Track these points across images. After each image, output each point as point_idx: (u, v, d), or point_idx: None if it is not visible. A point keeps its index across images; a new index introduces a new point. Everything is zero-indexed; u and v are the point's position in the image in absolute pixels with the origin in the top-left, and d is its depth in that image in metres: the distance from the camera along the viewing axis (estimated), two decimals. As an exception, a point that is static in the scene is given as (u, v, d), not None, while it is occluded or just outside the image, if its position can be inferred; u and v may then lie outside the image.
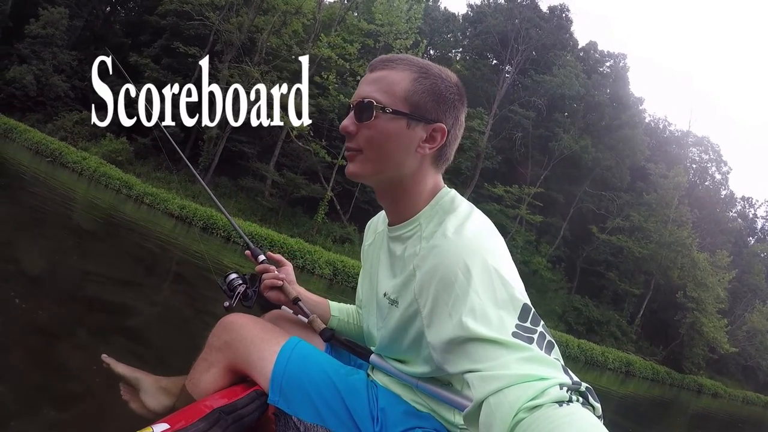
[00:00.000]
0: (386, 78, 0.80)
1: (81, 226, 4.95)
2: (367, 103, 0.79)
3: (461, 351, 0.63)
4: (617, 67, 25.80)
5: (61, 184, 8.41)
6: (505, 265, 0.70)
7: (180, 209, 13.59)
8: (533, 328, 0.62)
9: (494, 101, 22.62)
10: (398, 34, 16.47)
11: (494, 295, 0.65)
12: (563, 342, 17.18)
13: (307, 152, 17.71)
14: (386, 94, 0.79)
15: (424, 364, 0.84)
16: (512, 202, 21.11)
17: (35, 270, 2.52)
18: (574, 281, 24.13)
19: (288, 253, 13.13)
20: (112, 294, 2.66)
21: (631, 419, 6.52)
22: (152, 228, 7.17)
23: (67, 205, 5.99)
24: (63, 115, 20.34)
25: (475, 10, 27.42)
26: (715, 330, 21.86)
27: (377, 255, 0.97)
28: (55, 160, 15.06)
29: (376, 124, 0.79)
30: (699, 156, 30.17)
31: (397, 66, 0.81)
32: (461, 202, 0.84)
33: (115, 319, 2.22)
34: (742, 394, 24.21)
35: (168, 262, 4.68)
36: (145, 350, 1.93)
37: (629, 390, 12.17)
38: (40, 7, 20.88)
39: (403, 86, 0.79)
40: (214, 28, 18.86)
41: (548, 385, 0.54)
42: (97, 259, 3.47)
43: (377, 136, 0.80)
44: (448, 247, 0.73)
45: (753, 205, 34.38)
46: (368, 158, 0.81)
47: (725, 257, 23.42)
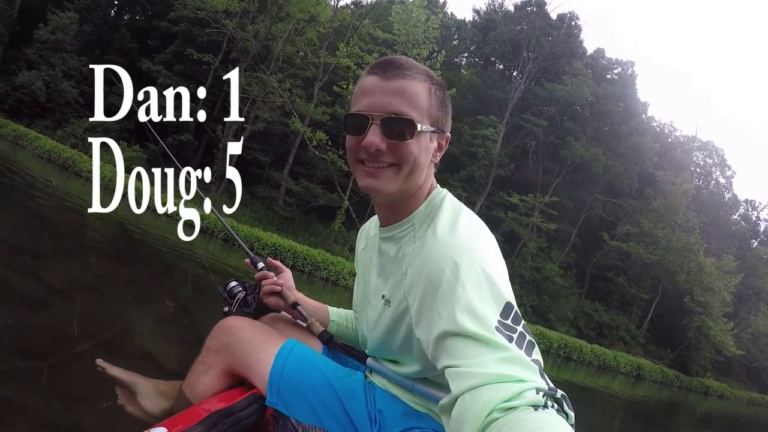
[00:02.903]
0: (408, 90, 0.78)
1: (119, 249, 4.84)
2: (405, 120, 0.77)
3: (445, 346, 0.64)
4: (625, 74, 26.06)
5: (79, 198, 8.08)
6: (492, 264, 0.71)
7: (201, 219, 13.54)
8: (514, 327, 0.63)
9: (506, 109, 22.74)
10: (415, 43, 16.51)
11: (479, 292, 0.66)
12: (577, 347, 17.38)
13: (323, 161, 17.71)
14: (416, 110, 0.78)
15: (415, 363, 0.85)
16: (526, 210, 21.28)
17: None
18: (584, 287, 24.37)
19: (311, 265, 13.16)
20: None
21: (643, 421, 6.72)
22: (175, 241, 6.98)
23: (94, 225, 5.89)
24: (73, 122, 20.16)
25: (483, 17, 27.50)
26: (722, 333, 22.20)
27: (369, 259, 0.98)
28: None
29: (417, 142, 0.79)
30: (703, 160, 30.66)
31: (413, 76, 0.79)
32: (452, 201, 0.85)
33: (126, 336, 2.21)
34: (747, 395, 24.67)
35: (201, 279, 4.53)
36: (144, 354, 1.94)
37: (639, 393, 12.42)
38: (49, 12, 20.64)
39: (424, 100, 0.79)
40: (228, 35, 18.78)
41: (525, 387, 0.54)
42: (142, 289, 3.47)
43: (416, 153, 0.79)
44: (437, 245, 0.74)
45: (756, 208, 34.91)
46: (402, 173, 0.80)
47: (731, 262, 23.77)
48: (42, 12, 21.12)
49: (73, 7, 21.02)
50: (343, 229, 18.14)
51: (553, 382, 0.59)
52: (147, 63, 20.33)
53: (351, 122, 0.81)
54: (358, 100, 0.82)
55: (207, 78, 20.29)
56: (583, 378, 11.57)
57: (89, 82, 21.50)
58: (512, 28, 24.43)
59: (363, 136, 0.78)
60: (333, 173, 18.04)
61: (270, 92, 17.36)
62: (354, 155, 0.83)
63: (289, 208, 18.65)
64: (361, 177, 0.83)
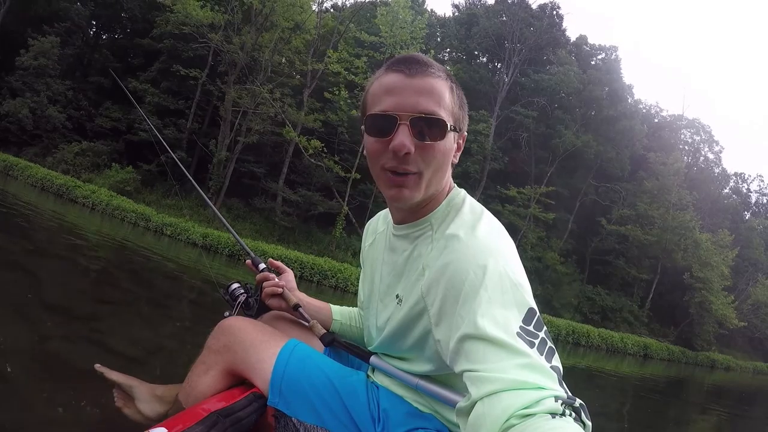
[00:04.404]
0: (434, 89, 0.75)
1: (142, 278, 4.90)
2: (437, 121, 0.74)
3: (465, 349, 0.63)
4: (609, 59, 26.29)
5: (76, 226, 7.94)
6: (515, 268, 0.70)
7: (203, 238, 13.49)
8: (536, 333, 0.63)
9: (495, 103, 22.88)
10: (403, 44, 16.54)
11: (502, 296, 0.65)
12: (584, 333, 17.61)
13: (319, 168, 17.68)
14: (443, 110, 0.75)
15: (426, 362, 0.84)
16: (524, 202, 21.46)
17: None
18: (584, 272, 24.63)
19: (319, 274, 13.19)
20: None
21: (655, 399, 6.89)
22: (183, 261, 7.10)
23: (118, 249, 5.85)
24: (62, 147, 19.89)
25: (464, 12, 27.58)
26: (723, 307, 22.57)
27: (379, 255, 0.96)
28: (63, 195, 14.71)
29: (443, 143, 0.76)
30: (691, 138, 31.08)
31: (438, 74, 0.76)
32: (472, 202, 0.84)
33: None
34: (753, 365, 25.19)
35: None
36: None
37: (649, 372, 12.65)
38: (29, 38, 20.34)
39: (447, 99, 0.76)
40: (213, 49, 18.65)
41: (544, 395, 0.54)
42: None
43: (442, 155, 0.76)
44: (460, 247, 0.72)
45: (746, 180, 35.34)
46: (426, 180, 0.77)
47: (727, 236, 24.17)
48: (21, 38, 20.80)
49: (53, 31, 20.73)
50: (344, 235, 18.14)
51: (564, 367, 0.61)
52: (133, 82, 20.12)
53: (376, 123, 0.76)
54: (380, 99, 0.76)
55: (195, 93, 20.15)
56: (592, 362, 11.73)
57: (75, 106, 21.25)
58: (495, 22, 24.55)
59: (390, 137, 0.74)
60: (330, 180, 18.02)
61: (261, 103, 17.29)
62: (378, 161, 0.77)
63: (288, 217, 18.59)
64: (386, 186, 0.79)
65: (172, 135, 19.30)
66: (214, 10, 17.56)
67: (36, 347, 1.82)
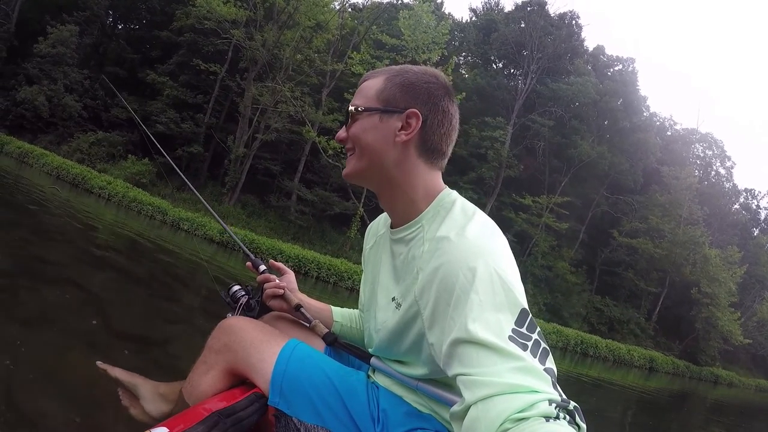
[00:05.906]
0: (365, 86, 0.87)
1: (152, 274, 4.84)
2: (347, 110, 0.87)
3: (458, 353, 0.63)
4: (626, 71, 26.26)
5: (94, 215, 7.93)
6: (507, 268, 0.70)
7: (220, 234, 13.45)
8: (529, 335, 0.63)
9: (512, 110, 22.86)
10: (424, 49, 16.51)
11: (494, 298, 0.65)
12: (592, 343, 17.66)
13: (336, 169, 17.66)
14: (363, 98, 0.86)
15: (423, 365, 0.84)
16: (538, 211, 21.46)
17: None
18: (593, 283, 24.66)
19: (336, 275, 13.17)
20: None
21: (657, 412, 6.93)
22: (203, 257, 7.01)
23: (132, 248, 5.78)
24: (78, 136, 19.86)
25: (482, 17, 27.53)
26: (729, 323, 22.63)
27: (379, 258, 0.97)
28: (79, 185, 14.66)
29: (356, 124, 0.85)
30: (703, 152, 31.06)
31: (376, 75, 0.87)
32: (463, 203, 0.84)
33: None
34: (755, 382, 25.23)
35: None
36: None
37: (653, 385, 12.71)
38: (48, 25, 20.28)
39: (376, 87, 0.85)
40: (233, 45, 18.60)
41: (538, 398, 0.54)
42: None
43: (357, 132, 0.85)
44: (450, 248, 0.73)
45: (756, 196, 35.13)
46: (356, 156, 0.86)
47: (735, 253, 24.20)
48: (40, 25, 20.73)
49: (72, 19, 20.66)
50: (358, 236, 18.14)
51: (573, 376, 0.61)
52: (152, 74, 20.07)
53: None
54: None
55: (213, 88, 20.13)
56: (599, 373, 11.79)
57: (92, 95, 21.21)
58: (514, 28, 24.49)
59: None
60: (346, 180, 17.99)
61: (281, 101, 17.27)
62: None
63: (303, 216, 18.58)
64: None
65: (189, 129, 19.27)
66: (237, 6, 17.52)
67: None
